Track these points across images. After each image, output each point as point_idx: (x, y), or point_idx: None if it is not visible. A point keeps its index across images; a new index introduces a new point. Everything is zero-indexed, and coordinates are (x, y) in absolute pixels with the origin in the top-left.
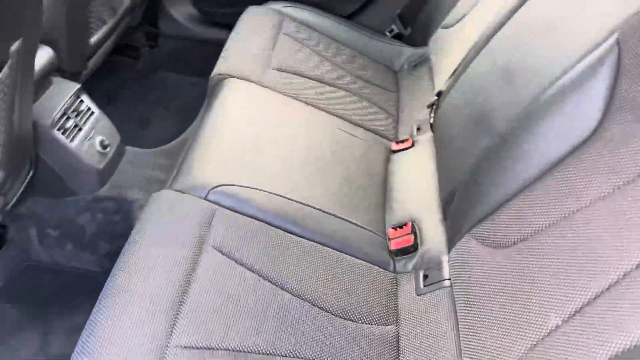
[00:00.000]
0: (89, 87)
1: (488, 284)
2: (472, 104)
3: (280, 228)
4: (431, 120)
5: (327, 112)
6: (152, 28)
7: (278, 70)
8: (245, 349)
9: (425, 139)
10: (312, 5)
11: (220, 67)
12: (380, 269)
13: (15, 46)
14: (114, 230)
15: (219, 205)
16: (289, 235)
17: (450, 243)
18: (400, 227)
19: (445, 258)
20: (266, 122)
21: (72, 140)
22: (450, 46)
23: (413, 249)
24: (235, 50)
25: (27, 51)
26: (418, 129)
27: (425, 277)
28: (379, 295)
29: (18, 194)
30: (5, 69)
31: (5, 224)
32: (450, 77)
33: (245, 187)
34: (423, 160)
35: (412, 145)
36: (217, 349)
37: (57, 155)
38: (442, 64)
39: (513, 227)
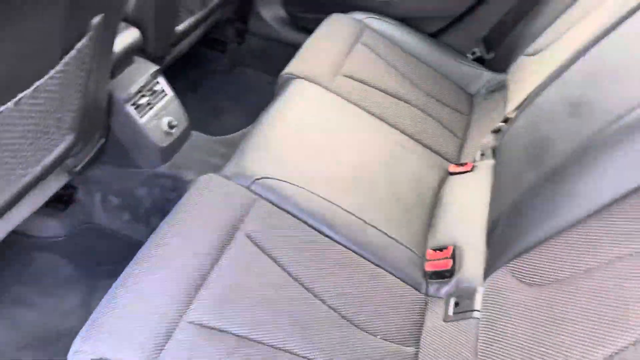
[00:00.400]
0: (174, 74)
1: (516, 321)
2: (533, 133)
3: (316, 229)
4: (494, 147)
5: (390, 124)
6: (241, 25)
7: (347, 77)
8: (254, 338)
9: (486, 165)
10: (397, 19)
11: (291, 67)
12: (412, 289)
13: (96, 20)
14: (167, 207)
15: (260, 196)
16: (324, 237)
17: (487, 273)
18: (441, 249)
19: (480, 288)
20: (324, 124)
21: (142, 116)
22: (528, 75)
23: (449, 274)
24: (309, 52)
25: (107, 26)
26: (482, 154)
27: (456, 304)
28: (404, 315)
29: (87, 159)
30: (85, 40)
31: (75, 185)
32: (519, 105)
33: (289, 183)
34: (479, 186)
35: (472, 170)
36: (226, 332)
37: (127, 129)
38: (516, 92)
39: (550, 267)
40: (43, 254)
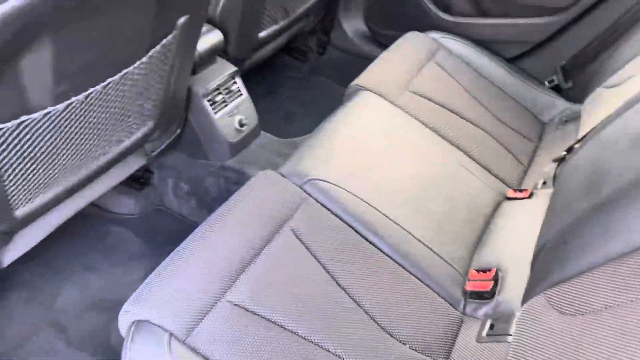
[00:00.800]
0: (254, 76)
1: (546, 348)
2: (592, 164)
3: (360, 234)
4: (555, 175)
5: (451, 143)
6: (324, 37)
7: (414, 93)
8: (284, 326)
9: (544, 193)
10: (474, 41)
11: (360, 79)
12: (449, 305)
13: (182, 20)
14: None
15: (310, 195)
16: (367, 243)
17: (524, 299)
18: (484, 271)
19: (517, 313)
20: (384, 136)
21: (216, 112)
22: (603, 107)
23: (488, 295)
24: (379, 67)
25: (191, 27)
26: (544, 182)
27: (492, 326)
28: (437, 329)
29: (163, 146)
30: (170, 37)
31: (152, 170)
32: (585, 136)
33: (339, 187)
34: (533, 213)
35: (529, 196)
36: (259, 315)
37: (201, 122)
38: (588, 124)
39: (586, 298)
40: (117, 228)
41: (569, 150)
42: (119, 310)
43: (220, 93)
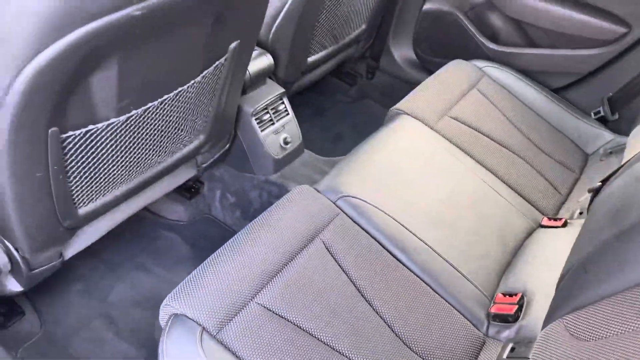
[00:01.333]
0: (304, 98)
1: None
2: (621, 195)
3: (388, 251)
4: (589, 205)
5: (487, 168)
6: (373, 62)
7: (454, 118)
8: (309, 331)
9: (579, 223)
10: (521, 71)
11: (401, 104)
12: (472, 326)
13: (233, 45)
14: None
15: (342, 211)
16: (394, 260)
17: (544, 324)
18: (510, 295)
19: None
20: (419, 158)
21: (263, 130)
22: None
23: (512, 319)
24: (422, 92)
25: (242, 51)
26: (580, 213)
27: (513, 349)
28: (459, 348)
29: (213, 159)
30: (222, 60)
31: (202, 181)
32: (623, 165)
33: (372, 204)
34: (565, 242)
35: (564, 225)
36: (285, 319)
37: (249, 138)
38: (631, 155)
39: (600, 324)
40: (167, 233)
41: (605, 180)
42: None
43: (267, 112)
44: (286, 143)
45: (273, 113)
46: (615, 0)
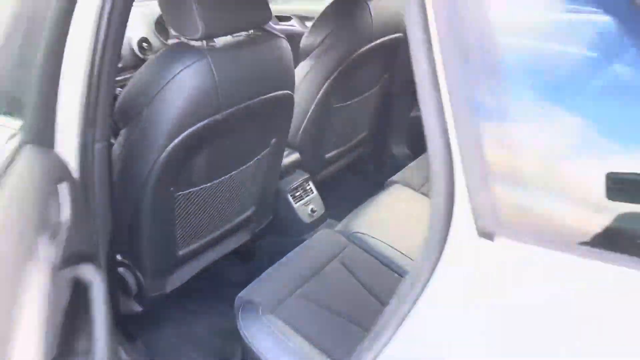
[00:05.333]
0: (326, 185)
1: None
2: None
3: (390, 269)
4: None
5: None
6: (379, 159)
7: None
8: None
9: None
10: None
11: (396, 176)
12: None
13: (273, 140)
14: None
15: (353, 242)
16: (393, 273)
17: None
18: None
19: None
20: (410, 210)
21: (296, 203)
22: None
23: None
24: (409, 168)
25: (278, 145)
26: None
27: None
28: None
29: (262, 226)
30: (265, 151)
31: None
32: None
33: (376, 239)
34: None
35: None
36: (318, 304)
37: (286, 210)
38: None
39: None
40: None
41: None
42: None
43: (297, 190)
44: (313, 212)
45: (302, 191)
46: None
